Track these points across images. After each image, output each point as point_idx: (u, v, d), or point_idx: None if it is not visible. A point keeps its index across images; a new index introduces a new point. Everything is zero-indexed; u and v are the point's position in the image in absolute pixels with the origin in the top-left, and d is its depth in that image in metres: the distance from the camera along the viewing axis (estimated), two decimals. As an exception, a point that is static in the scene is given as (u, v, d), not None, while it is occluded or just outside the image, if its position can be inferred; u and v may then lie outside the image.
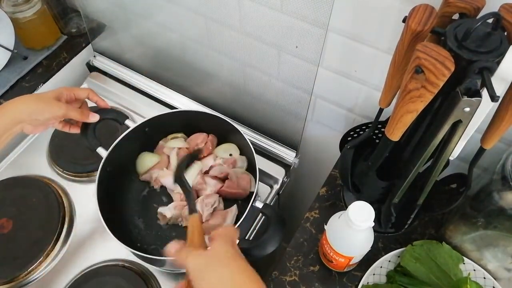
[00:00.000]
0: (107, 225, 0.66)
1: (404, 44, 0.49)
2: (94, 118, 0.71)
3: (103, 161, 0.73)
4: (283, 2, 0.66)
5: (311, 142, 0.98)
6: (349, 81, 0.75)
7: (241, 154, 0.83)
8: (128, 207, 0.80)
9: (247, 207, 0.68)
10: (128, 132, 0.76)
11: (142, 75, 1.02)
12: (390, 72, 0.54)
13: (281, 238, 0.63)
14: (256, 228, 0.82)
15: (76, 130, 0.73)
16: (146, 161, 0.82)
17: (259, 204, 0.68)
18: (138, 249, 0.72)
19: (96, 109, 0.73)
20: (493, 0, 0.48)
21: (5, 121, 0.63)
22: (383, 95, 0.59)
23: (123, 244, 0.66)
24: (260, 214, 0.82)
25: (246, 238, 0.73)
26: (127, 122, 0.77)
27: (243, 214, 0.67)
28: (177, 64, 0.96)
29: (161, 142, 0.84)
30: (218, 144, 0.85)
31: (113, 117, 0.76)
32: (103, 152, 0.73)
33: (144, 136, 0.79)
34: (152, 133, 0.80)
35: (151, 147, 0.84)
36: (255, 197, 0.68)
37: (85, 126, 0.73)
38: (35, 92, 0.98)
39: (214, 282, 0.48)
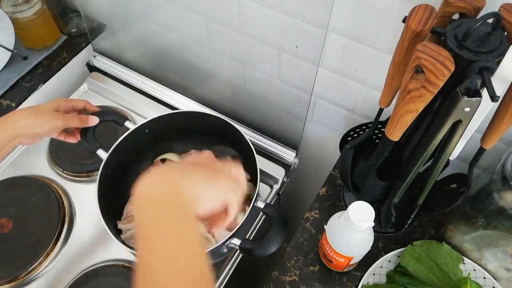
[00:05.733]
0: (108, 226, 0.66)
1: (404, 44, 0.49)
2: (93, 121, 0.72)
3: (103, 163, 0.72)
4: (283, 2, 0.66)
5: (311, 142, 0.98)
6: (349, 81, 0.75)
7: (241, 154, 0.83)
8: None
9: (249, 207, 0.68)
10: (128, 134, 0.76)
11: (142, 75, 1.02)
12: (390, 72, 0.54)
13: (283, 238, 0.63)
14: (256, 228, 0.82)
15: (72, 140, 0.73)
16: None
17: (260, 204, 0.68)
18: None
19: (96, 112, 0.74)
20: (493, 0, 0.48)
21: (6, 135, 0.63)
22: (383, 95, 0.59)
23: (123, 245, 0.66)
24: (261, 214, 0.83)
25: (247, 238, 0.73)
26: (127, 123, 0.77)
27: (245, 215, 0.67)
28: (177, 64, 0.96)
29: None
30: (217, 144, 0.85)
31: (112, 119, 0.76)
32: (103, 154, 0.73)
33: (144, 137, 0.79)
34: (152, 134, 0.80)
35: (151, 149, 0.84)
36: (256, 197, 0.68)
37: (85, 129, 0.73)
38: (35, 92, 0.99)
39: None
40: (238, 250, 0.77)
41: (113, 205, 0.76)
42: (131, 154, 0.80)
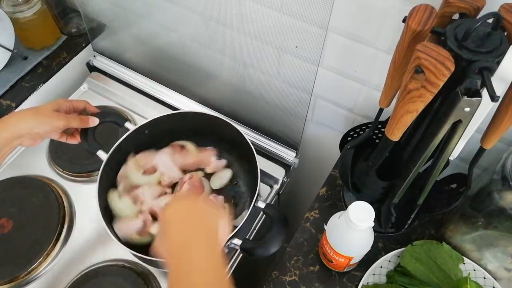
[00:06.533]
0: (108, 227, 0.66)
1: (404, 44, 0.49)
2: (93, 122, 0.72)
3: (103, 164, 0.72)
4: (283, 2, 0.66)
5: (311, 142, 0.98)
6: (349, 81, 0.75)
7: (242, 154, 0.83)
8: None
9: (250, 207, 0.68)
10: (128, 135, 0.76)
11: (142, 75, 1.02)
12: (390, 72, 0.54)
13: (284, 238, 0.63)
14: (256, 229, 0.82)
15: (73, 141, 0.73)
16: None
17: (261, 204, 0.68)
18: (139, 250, 0.72)
19: (95, 113, 0.73)
20: (493, 0, 0.48)
21: (6, 136, 0.63)
22: (383, 95, 0.59)
23: (125, 246, 0.66)
24: (260, 214, 0.83)
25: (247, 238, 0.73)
26: (127, 124, 0.76)
27: (246, 215, 0.67)
28: (177, 64, 0.96)
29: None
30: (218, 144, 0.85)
31: (112, 120, 0.76)
32: (103, 155, 0.73)
33: (144, 138, 0.79)
34: (152, 135, 0.80)
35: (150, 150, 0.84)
36: (257, 197, 0.68)
37: (85, 130, 0.72)
38: (35, 92, 0.99)
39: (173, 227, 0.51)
40: (239, 250, 0.77)
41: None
42: (132, 155, 0.80)
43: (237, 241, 0.65)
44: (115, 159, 0.75)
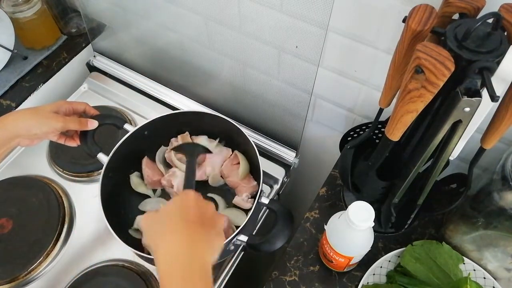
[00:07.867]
0: (111, 227, 0.66)
1: (404, 44, 0.49)
2: (92, 125, 0.71)
3: (104, 168, 0.72)
4: (283, 2, 0.66)
5: (311, 142, 0.98)
6: (349, 81, 0.75)
7: (243, 152, 0.82)
8: (131, 208, 0.80)
9: (253, 203, 0.68)
10: (128, 137, 0.75)
11: (142, 75, 1.02)
12: (390, 72, 0.54)
13: (289, 232, 0.63)
14: (257, 226, 0.82)
15: (72, 143, 0.73)
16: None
17: (265, 200, 0.68)
18: (141, 249, 0.72)
19: (94, 115, 0.73)
20: (493, 0, 0.48)
21: (3, 135, 0.63)
22: (383, 95, 0.59)
23: (128, 246, 0.65)
24: (262, 212, 0.82)
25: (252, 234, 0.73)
26: (126, 126, 0.76)
27: (250, 211, 0.67)
28: (177, 64, 0.96)
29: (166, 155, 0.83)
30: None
31: (111, 122, 0.75)
32: (103, 158, 0.73)
33: (144, 139, 0.79)
34: (152, 136, 0.80)
35: (151, 152, 0.83)
36: (260, 194, 0.68)
37: (84, 133, 0.72)
38: (35, 92, 0.99)
39: (155, 236, 0.50)
40: (239, 250, 0.77)
41: (115, 206, 0.76)
42: (132, 156, 0.80)
43: (243, 238, 0.64)
44: (116, 162, 0.74)
